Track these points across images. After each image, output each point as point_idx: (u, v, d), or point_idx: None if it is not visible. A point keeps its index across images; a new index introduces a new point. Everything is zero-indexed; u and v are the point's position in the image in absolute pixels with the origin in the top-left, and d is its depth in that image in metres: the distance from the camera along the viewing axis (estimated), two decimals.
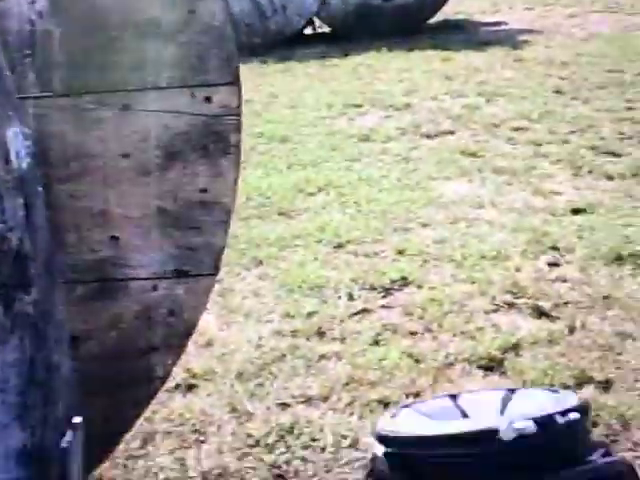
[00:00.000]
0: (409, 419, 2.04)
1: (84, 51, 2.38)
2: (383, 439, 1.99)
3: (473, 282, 3.78)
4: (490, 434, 1.89)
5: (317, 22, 10.35)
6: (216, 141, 2.41)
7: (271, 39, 9.65)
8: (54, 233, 2.25)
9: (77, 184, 2.37)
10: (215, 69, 2.38)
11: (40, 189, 1.71)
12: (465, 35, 10.10)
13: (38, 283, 1.60)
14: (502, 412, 2.00)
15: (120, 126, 2.39)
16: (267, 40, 9.59)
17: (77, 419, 1.68)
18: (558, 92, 7.13)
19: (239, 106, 2.40)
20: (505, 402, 2.04)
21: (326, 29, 10.44)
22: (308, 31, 10.50)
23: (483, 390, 2.40)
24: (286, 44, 9.56)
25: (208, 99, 2.39)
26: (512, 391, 2.13)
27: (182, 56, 2.37)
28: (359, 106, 6.76)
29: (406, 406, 2.17)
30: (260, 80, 7.77)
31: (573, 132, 6.05)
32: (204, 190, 2.42)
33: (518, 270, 3.87)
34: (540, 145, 5.79)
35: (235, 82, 2.41)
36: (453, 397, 2.11)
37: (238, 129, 2.42)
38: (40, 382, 1.59)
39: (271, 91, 7.42)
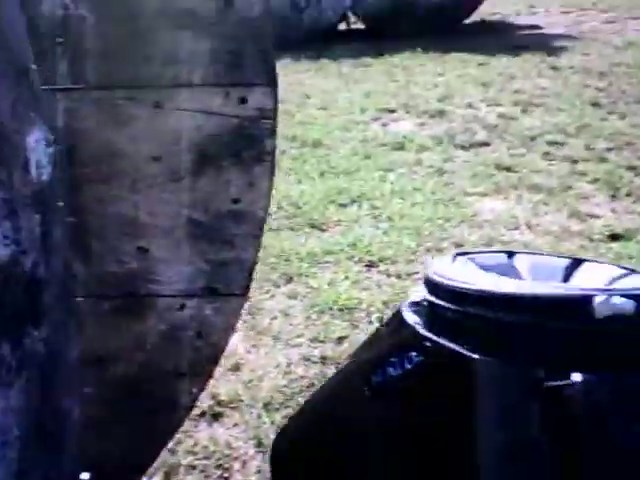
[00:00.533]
0: (468, 270, 1.53)
1: (116, 40, 2.19)
2: (440, 289, 1.45)
3: None
4: (582, 305, 1.38)
5: (352, 18, 10.13)
6: (250, 146, 2.21)
7: (304, 34, 9.41)
8: (80, 241, 2.12)
9: (106, 187, 2.18)
10: (251, 67, 2.17)
11: (60, 204, 1.50)
12: (500, 38, 9.91)
13: (50, 316, 1.36)
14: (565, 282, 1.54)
15: (151, 125, 2.20)
16: (300, 34, 9.35)
17: (84, 476, 1.49)
18: (595, 105, 6.94)
19: (275, 109, 2.19)
20: (569, 272, 1.58)
21: (360, 25, 10.23)
22: (342, 27, 10.29)
23: (545, 255, 1.71)
24: (320, 40, 9.34)
25: (243, 100, 2.17)
26: (578, 262, 1.62)
27: (216, 51, 2.16)
28: (393, 111, 6.59)
29: (461, 254, 1.66)
30: (292, 78, 7.59)
31: (610, 149, 5.87)
32: (236, 200, 2.24)
33: None
34: (576, 162, 5.61)
35: (271, 82, 2.20)
36: (509, 254, 1.65)
37: (273, 134, 2.22)
38: (46, 434, 1.34)
39: (303, 91, 7.24)
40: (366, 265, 4.00)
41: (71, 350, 1.47)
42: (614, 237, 4.47)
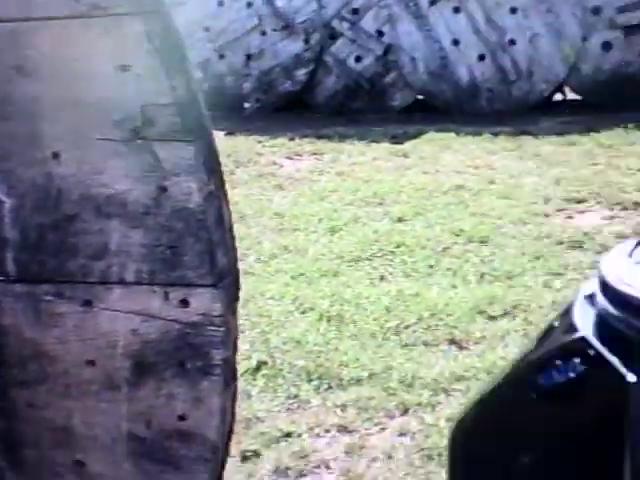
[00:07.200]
0: None
1: (39, 229, 1.86)
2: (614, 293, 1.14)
3: None
4: None
5: (567, 88, 8.95)
6: (194, 357, 1.82)
7: (513, 106, 8.41)
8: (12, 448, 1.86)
9: (36, 391, 1.87)
10: (192, 265, 1.76)
11: None
12: None
13: None
14: None
15: (82, 326, 1.87)
16: (509, 107, 8.40)
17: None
18: None
19: (223, 315, 1.77)
20: None
21: (576, 96, 9.03)
22: (558, 97, 9.14)
23: None
24: (529, 112, 8.24)
25: (184, 302, 1.78)
26: None
27: (151, 245, 1.78)
28: (581, 201, 5.58)
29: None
30: (483, 159, 6.67)
31: None
32: (182, 417, 1.86)
33: None
34: None
35: (218, 283, 1.77)
36: None
37: (224, 344, 1.80)
38: None
39: (489, 174, 6.28)
40: None
41: None
42: None
